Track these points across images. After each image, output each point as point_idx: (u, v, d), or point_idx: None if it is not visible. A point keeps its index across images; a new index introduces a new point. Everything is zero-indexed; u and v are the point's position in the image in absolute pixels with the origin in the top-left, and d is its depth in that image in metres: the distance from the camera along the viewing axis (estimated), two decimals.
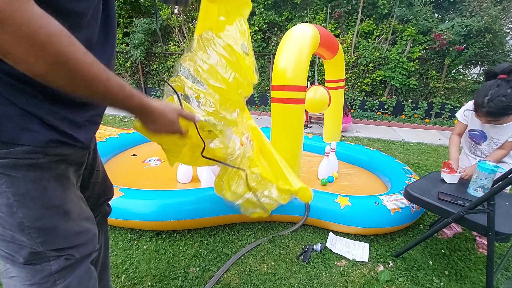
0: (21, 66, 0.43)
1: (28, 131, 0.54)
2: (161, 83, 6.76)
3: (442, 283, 1.44)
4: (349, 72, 5.42)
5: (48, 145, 0.57)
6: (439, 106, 5.16)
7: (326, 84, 2.84)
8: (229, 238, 1.72)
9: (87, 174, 0.85)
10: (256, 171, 1.36)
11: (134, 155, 2.94)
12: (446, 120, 5.14)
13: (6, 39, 0.39)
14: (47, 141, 0.57)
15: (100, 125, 0.80)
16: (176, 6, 0.75)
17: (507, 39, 4.86)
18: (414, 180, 1.91)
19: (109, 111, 5.49)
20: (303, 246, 1.66)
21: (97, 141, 0.87)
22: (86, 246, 0.71)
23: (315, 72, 5.01)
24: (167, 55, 6.36)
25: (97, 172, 0.89)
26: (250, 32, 5.54)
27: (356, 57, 5.29)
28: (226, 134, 0.98)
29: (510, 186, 1.37)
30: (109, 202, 1.03)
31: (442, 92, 5.17)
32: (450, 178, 1.59)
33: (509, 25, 4.93)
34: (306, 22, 5.37)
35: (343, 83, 2.83)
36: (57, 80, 0.47)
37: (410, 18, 4.96)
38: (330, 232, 1.80)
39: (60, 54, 0.44)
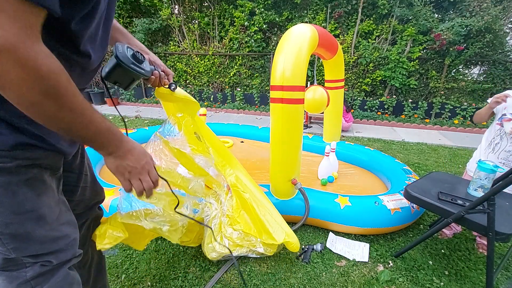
0: (9, 93, 0.46)
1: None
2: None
3: (442, 283, 1.44)
4: (349, 72, 5.42)
5: (16, 148, 0.56)
6: (439, 106, 5.16)
7: (326, 84, 2.84)
8: None
9: (75, 178, 0.83)
10: (238, 228, 1.48)
11: None
12: (446, 120, 5.13)
13: (11, 68, 0.42)
14: (16, 144, 0.55)
15: None
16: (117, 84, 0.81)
17: (507, 39, 4.85)
18: (414, 180, 1.90)
19: (109, 111, 5.49)
20: (303, 246, 1.66)
21: None
22: (65, 252, 0.69)
23: (315, 72, 5.01)
24: (167, 55, 6.37)
25: (85, 176, 0.88)
26: (250, 32, 5.56)
27: (356, 57, 5.29)
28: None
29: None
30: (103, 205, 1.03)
31: (442, 92, 5.17)
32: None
33: (509, 25, 4.92)
34: (306, 22, 5.37)
35: (342, 83, 2.83)
36: (41, 112, 0.49)
37: (410, 18, 4.96)
38: (330, 232, 1.79)
39: (54, 89, 0.47)
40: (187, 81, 6.50)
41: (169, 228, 1.14)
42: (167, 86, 1.02)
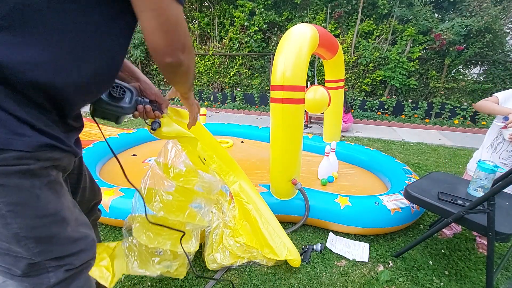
0: (180, 69, 0.67)
1: (20, 136, 0.54)
2: (161, 83, 6.76)
3: (442, 283, 1.44)
4: (349, 72, 5.42)
5: (39, 149, 0.57)
6: (439, 106, 5.16)
7: (326, 84, 2.84)
8: None
9: (75, 179, 0.84)
10: (241, 241, 1.46)
11: (134, 155, 2.94)
12: (446, 120, 5.14)
13: (187, 56, 0.65)
14: (39, 145, 0.57)
15: (100, 125, 0.80)
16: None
17: (507, 39, 4.86)
18: (414, 180, 1.90)
19: None
20: (303, 246, 1.66)
21: (97, 141, 0.88)
22: (86, 252, 0.70)
23: (315, 72, 5.01)
24: None
25: (85, 176, 0.89)
26: (250, 32, 5.56)
27: (356, 57, 5.29)
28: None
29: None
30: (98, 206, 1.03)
31: (442, 92, 5.18)
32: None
33: (509, 25, 4.93)
34: (306, 22, 5.37)
35: (343, 83, 2.83)
36: (189, 71, 0.71)
37: (410, 18, 4.96)
38: (330, 232, 1.79)
39: (193, 54, 0.68)
40: None
41: (177, 266, 1.14)
42: (150, 123, 0.89)
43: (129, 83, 0.84)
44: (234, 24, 5.76)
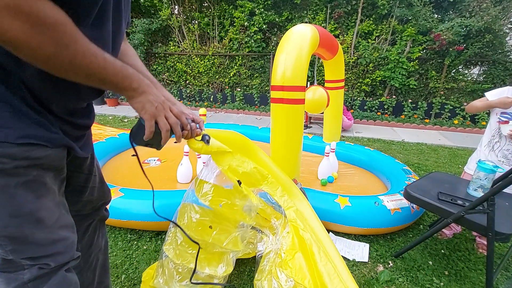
0: (22, 51, 0.46)
1: (1, 128, 0.53)
2: (162, 83, 6.75)
3: (442, 283, 1.44)
4: (349, 72, 5.43)
5: (19, 141, 0.55)
6: (439, 106, 5.16)
7: (326, 85, 2.84)
8: None
9: (83, 178, 0.84)
10: (289, 275, 1.19)
11: (134, 155, 2.93)
12: (446, 120, 5.14)
13: (17, 25, 0.42)
14: (19, 137, 0.55)
15: (100, 126, 0.79)
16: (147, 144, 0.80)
17: (506, 39, 4.86)
18: (414, 180, 1.91)
19: (110, 112, 5.48)
20: None
21: (97, 141, 0.88)
22: (63, 254, 0.69)
23: (315, 72, 5.01)
24: (167, 55, 6.37)
25: (94, 177, 0.88)
26: (250, 33, 5.56)
27: (356, 57, 5.29)
28: None
29: None
30: (107, 207, 1.03)
31: (442, 92, 5.18)
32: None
33: (509, 25, 4.93)
34: (306, 22, 5.37)
35: (343, 83, 2.83)
36: (59, 63, 0.49)
37: (410, 18, 4.96)
38: (330, 232, 1.80)
39: (63, 39, 0.47)
40: (187, 81, 6.51)
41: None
42: (199, 138, 0.88)
43: None
44: (234, 24, 5.76)
